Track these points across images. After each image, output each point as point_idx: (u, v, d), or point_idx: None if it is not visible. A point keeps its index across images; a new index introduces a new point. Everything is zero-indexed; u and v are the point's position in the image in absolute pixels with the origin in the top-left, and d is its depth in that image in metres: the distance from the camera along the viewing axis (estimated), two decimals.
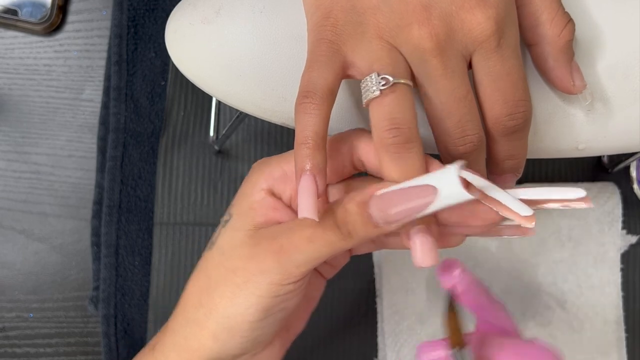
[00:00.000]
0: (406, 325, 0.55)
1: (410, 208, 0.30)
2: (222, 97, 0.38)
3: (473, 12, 0.31)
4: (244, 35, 0.36)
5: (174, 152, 0.57)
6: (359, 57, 0.32)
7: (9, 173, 0.57)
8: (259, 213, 0.34)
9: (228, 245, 0.34)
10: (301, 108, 0.31)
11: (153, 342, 0.38)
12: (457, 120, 0.32)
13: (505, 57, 0.32)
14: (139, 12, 0.58)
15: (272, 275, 0.33)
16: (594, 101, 0.36)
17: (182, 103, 0.58)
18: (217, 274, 0.34)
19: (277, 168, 0.35)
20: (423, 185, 0.30)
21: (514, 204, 0.30)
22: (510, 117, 0.32)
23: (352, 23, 0.32)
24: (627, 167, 0.57)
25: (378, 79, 0.31)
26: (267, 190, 0.35)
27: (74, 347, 0.56)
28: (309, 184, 0.30)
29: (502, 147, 0.34)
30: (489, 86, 0.32)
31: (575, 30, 0.34)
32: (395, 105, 0.31)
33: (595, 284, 0.56)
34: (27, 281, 0.56)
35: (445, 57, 0.31)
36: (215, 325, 0.34)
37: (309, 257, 0.32)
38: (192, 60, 0.37)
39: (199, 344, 0.35)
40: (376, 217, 0.31)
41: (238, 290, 0.33)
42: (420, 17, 0.31)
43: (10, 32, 0.59)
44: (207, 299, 0.34)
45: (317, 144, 0.30)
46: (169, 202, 0.56)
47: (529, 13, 0.33)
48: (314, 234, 0.32)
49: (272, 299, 0.33)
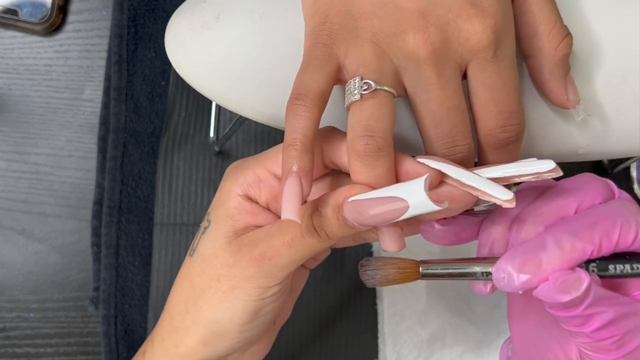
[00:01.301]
0: (406, 326, 0.55)
1: (382, 216, 0.30)
2: (221, 102, 0.38)
3: (471, 22, 0.30)
4: (243, 41, 0.35)
5: (174, 152, 0.57)
6: (349, 60, 0.32)
7: (9, 173, 0.57)
8: (237, 219, 0.35)
9: (209, 253, 0.35)
10: (292, 110, 0.31)
11: (142, 350, 0.38)
12: (448, 129, 0.32)
13: (501, 68, 0.31)
14: (139, 12, 0.58)
15: (257, 280, 0.33)
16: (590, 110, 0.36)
17: (182, 104, 0.58)
18: (201, 282, 0.35)
19: (250, 173, 0.35)
20: (393, 197, 0.30)
21: (493, 189, 0.30)
22: (503, 130, 0.32)
23: (347, 28, 0.31)
24: (627, 168, 0.57)
25: (361, 82, 0.31)
26: (243, 196, 0.35)
27: (74, 347, 0.56)
28: (295, 186, 0.30)
29: (494, 159, 0.34)
30: (483, 97, 0.32)
31: (575, 37, 0.34)
32: (374, 111, 0.30)
33: None
34: (27, 281, 0.56)
35: (439, 66, 0.31)
36: (203, 331, 0.35)
37: (290, 260, 0.33)
38: (191, 65, 0.37)
39: (189, 349, 0.35)
40: (350, 220, 0.31)
41: (224, 297, 0.34)
42: (416, 25, 0.30)
43: (10, 32, 0.58)
44: (193, 307, 0.35)
45: (305, 147, 0.30)
46: (169, 203, 0.56)
47: (527, 23, 0.33)
48: (294, 239, 0.32)
49: (259, 302, 0.34)
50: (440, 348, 0.55)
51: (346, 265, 0.56)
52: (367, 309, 0.56)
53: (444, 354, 0.55)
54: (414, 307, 0.55)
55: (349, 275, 0.56)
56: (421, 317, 0.55)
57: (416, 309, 0.55)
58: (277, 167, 0.35)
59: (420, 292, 0.55)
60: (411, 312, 0.55)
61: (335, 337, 0.56)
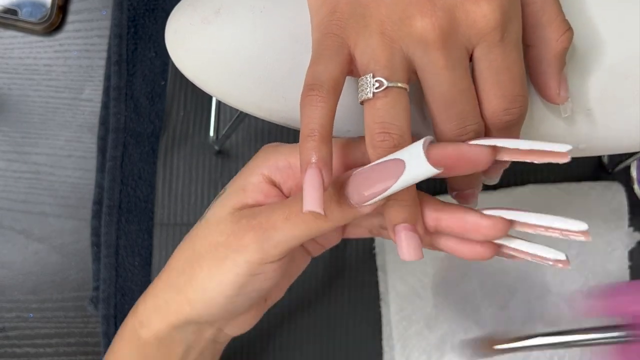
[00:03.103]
0: (414, 330, 0.55)
1: (380, 179, 0.30)
2: (222, 97, 0.37)
3: (478, 4, 0.31)
4: (243, 36, 0.35)
5: (174, 152, 0.57)
6: (359, 52, 0.32)
7: (9, 173, 0.57)
8: (249, 195, 0.35)
9: (214, 219, 0.36)
10: (307, 101, 0.31)
11: (135, 306, 0.39)
12: (459, 111, 0.32)
13: (507, 52, 0.32)
14: (139, 12, 0.58)
15: (250, 254, 0.33)
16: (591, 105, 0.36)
17: (182, 103, 0.58)
18: (201, 246, 0.36)
19: (283, 159, 0.35)
20: (392, 160, 0.30)
21: (547, 145, 0.30)
22: (507, 112, 0.32)
23: (356, 16, 0.32)
24: (627, 167, 0.57)
25: (372, 81, 0.31)
26: (266, 177, 0.36)
27: (74, 347, 0.56)
28: (315, 177, 0.30)
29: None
30: (489, 79, 0.32)
31: (577, 31, 0.34)
32: (387, 110, 0.31)
33: (603, 282, 0.55)
34: (27, 281, 0.56)
35: (448, 49, 0.31)
36: (192, 294, 0.36)
37: (286, 236, 0.33)
38: (192, 60, 0.37)
39: (177, 307, 0.36)
40: (351, 197, 0.31)
41: (218, 265, 0.34)
42: (424, 9, 0.30)
43: (10, 32, 0.58)
44: (189, 268, 0.36)
45: (323, 137, 0.30)
46: (169, 203, 0.56)
47: (531, 13, 0.33)
48: (291, 213, 0.33)
49: (248, 278, 0.34)
50: (450, 351, 0.55)
51: (347, 264, 0.56)
52: (370, 312, 0.56)
53: (453, 358, 0.54)
54: (421, 311, 0.55)
55: (349, 275, 0.56)
56: (429, 321, 0.55)
57: (424, 313, 0.55)
58: None
59: (427, 296, 0.55)
60: (419, 316, 0.55)
61: (337, 338, 0.56)
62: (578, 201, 0.56)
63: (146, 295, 0.39)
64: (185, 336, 0.38)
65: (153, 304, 0.38)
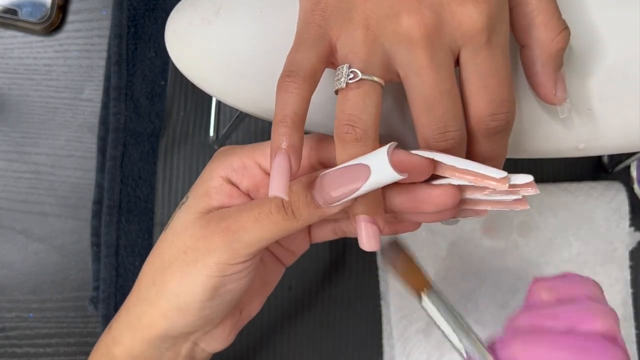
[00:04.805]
0: (415, 329, 0.55)
1: (345, 182, 0.30)
2: (222, 97, 0.38)
3: (465, 5, 0.30)
4: (243, 35, 0.35)
5: (174, 152, 0.57)
6: (340, 43, 0.31)
7: (9, 173, 0.57)
8: (214, 198, 0.35)
9: (180, 226, 0.35)
10: (282, 87, 0.31)
11: (110, 324, 0.39)
12: (440, 114, 0.31)
13: (494, 55, 0.31)
14: (139, 12, 0.58)
15: (220, 255, 0.33)
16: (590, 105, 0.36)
17: (182, 103, 0.58)
18: (170, 254, 0.35)
19: (238, 160, 0.36)
20: (358, 164, 0.30)
21: (486, 169, 0.30)
22: (493, 118, 0.32)
23: (341, 9, 0.31)
24: (627, 167, 0.57)
25: (348, 71, 0.31)
26: (225, 178, 0.36)
27: (74, 347, 0.56)
28: (283, 162, 0.30)
29: (482, 147, 0.33)
30: (475, 83, 0.32)
31: (576, 31, 0.34)
32: (357, 102, 0.31)
33: (604, 282, 0.55)
34: (27, 281, 0.56)
35: (432, 48, 0.30)
36: (165, 304, 0.35)
37: (255, 236, 0.33)
38: (192, 60, 0.37)
39: (150, 321, 0.36)
40: (318, 198, 0.31)
41: (187, 270, 0.34)
42: (410, 7, 0.30)
43: (10, 31, 0.59)
44: (159, 278, 0.35)
45: (295, 124, 0.30)
46: (169, 203, 0.56)
47: (525, 14, 0.33)
48: (260, 214, 0.32)
49: (220, 279, 0.34)
50: (450, 350, 0.54)
51: (347, 265, 0.56)
52: (370, 311, 0.56)
53: (453, 357, 0.54)
54: (422, 311, 0.55)
55: (350, 274, 0.56)
56: (430, 320, 0.55)
57: (424, 312, 0.55)
58: (263, 160, 0.35)
59: None
60: (419, 315, 0.55)
61: (337, 339, 0.56)
62: (579, 201, 0.56)
63: (119, 312, 0.38)
64: (160, 353, 0.37)
65: (125, 320, 0.37)
